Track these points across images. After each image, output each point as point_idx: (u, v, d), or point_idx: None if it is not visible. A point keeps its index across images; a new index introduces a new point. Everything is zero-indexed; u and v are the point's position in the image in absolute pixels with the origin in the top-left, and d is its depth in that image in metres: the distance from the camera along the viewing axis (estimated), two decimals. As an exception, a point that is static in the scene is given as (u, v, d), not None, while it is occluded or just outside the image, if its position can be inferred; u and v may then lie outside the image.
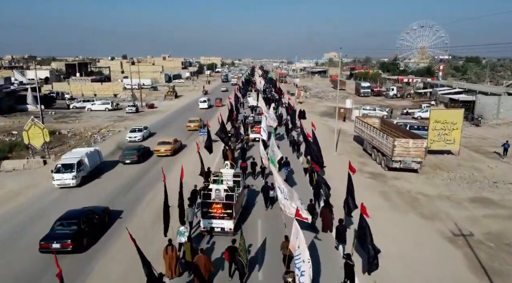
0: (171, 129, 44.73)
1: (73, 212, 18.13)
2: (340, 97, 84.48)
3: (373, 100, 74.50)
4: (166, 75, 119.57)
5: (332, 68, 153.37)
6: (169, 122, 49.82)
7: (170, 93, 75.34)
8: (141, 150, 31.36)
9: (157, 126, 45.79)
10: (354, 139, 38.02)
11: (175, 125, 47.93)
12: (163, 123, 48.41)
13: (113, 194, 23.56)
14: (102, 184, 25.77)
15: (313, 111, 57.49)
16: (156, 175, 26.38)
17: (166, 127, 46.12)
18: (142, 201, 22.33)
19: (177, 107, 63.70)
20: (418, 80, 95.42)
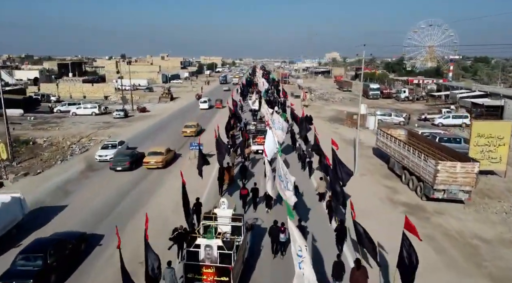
0: (164, 137, 39.29)
1: (40, 241, 14.95)
2: (347, 100, 79.16)
3: (384, 103, 68.59)
4: (164, 76, 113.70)
5: (335, 68, 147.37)
6: (161, 128, 44.10)
7: (165, 95, 69.54)
8: (134, 155, 28.53)
9: (147, 134, 40.06)
10: (374, 154, 32.12)
11: (168, 131, 42.39)
12: (154, 130, 42.64)
13: (95, 213, 19.87)
14: (81, 201, 21.59)
15: (320, 116, 51.61)
16: (148, 188, 23.87)
17: (158, 134, 40.43)
18: (130, 222, 18.51)
19: (172, 110, 57.91)
20: (429, 82, 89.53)
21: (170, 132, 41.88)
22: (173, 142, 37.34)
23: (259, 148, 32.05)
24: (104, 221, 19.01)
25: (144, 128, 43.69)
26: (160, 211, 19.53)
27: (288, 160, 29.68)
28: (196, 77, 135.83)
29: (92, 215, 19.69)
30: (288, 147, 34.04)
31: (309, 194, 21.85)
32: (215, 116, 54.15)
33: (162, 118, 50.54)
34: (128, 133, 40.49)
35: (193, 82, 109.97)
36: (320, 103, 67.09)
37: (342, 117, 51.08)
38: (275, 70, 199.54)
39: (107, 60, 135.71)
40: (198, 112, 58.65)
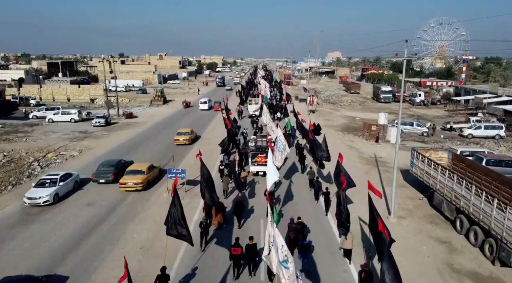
0: (150, 149, 33.18)
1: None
2: (357, 103, 72.16)
3: (397, 108, 61.66)
4: (160, 76, 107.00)
5: (340, 69, 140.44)
6: (149, 138, 37.62)
7: (158, 98, 62.86)
8: (120, 165, 24.89)
9: (129, 146, 33.39)
10: (406, 179, 25.32)
11: (156, 141, 36.30)
12: (139, 141, 35.96)
13: (60, 247, 15.96)
14: (43, 230, 17.40)
15: (330, 125, 44.81)
16: (128, 210, 19.95)
17: (143, 146, 33.91)
18: (103, 259, 14.91)
19: (163, 116, 51.25)
20: (442, 84, 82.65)
21: (158, 143, 35.48)
22: (161, 154, 31.19)
23: (260, 169, 25.54)
24: (77, 250, 15.49)
25: (127, 139, 36.98)
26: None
27: (295, 185, 23.06)
28: (195, 77, 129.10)
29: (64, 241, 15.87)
30: (294, 166, 27.33)
31: (326, 245, 15.25)
32: (213, 120, 47.68)
33: (150, 126, 43.86)
34: (104, 146, 33.82)
35: (191, 83, 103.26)
36: (328, 108, 60.27)
37: (356, 126, 44.29)
38: (277, 70, 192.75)
39: (101, 59, 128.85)
40: (194, 116, 52.26)
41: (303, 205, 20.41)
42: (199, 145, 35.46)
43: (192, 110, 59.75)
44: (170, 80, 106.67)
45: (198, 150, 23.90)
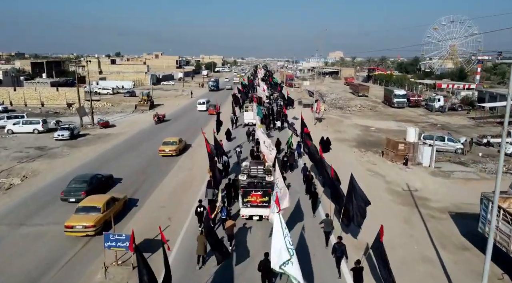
0: (121, 170, 25.19)
1: None
2: (367, 108, 64.07)
3: (413, 115, 54.01)
4: (153, 76, 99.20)
5: (344, 69, 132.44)
6: (121, 155, 30.07)
7: (143, 102, 55.19)
8: (94, 181, 21.31)
9: (93, 168, 25.68)
10: (464, 233, 17.45)
11: (131, 158, 29.04)
12: (107, 160, 28.35)
13: None
14: None
15: (342, 138, 37.03)
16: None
17: (110, 167, 26.07)
18: None
19: (147, 124, 43.64)
20: (459, 87, 74.78)
21: (133, 161, 27.86)
22: (135, 174, 23.79)
23: (255, 213, 18.15)
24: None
25: (93, 157, 29.30)
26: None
27: (302, 243, 15.45)
28: (192, 78, 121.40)
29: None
30: (300, 206, 19.65)
31: None
32: (209, 125, 40.14)
33: (126, 138, 36.19)
34: (58, 170, 26.15)
35: (186, 85, 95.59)
36: (336, 115, 52.46)
37: (373, 139, 36.52)
38: (278, 70, 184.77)
39: (90, 59, 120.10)
40: (188, 120, 44.94)
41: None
42: (188, 155, 29.99)
43: (189, 111, 52.40)
44: (164, 81, 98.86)
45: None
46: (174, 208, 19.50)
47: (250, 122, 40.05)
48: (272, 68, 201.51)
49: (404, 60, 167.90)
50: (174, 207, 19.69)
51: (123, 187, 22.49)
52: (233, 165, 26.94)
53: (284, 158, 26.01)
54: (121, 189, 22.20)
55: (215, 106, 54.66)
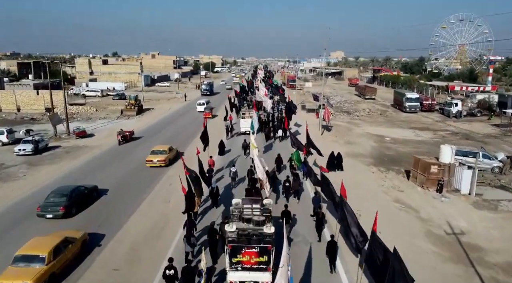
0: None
1: None
2: (377, 113, 57.61)
3: (428, 121, 48.36)
4: (147, 78, 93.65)
5: (348, 69, 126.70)
6: (96, 169, 24.76)
7: (130, 107, 49.60)
8: (75, 195, 18.48)
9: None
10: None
11: (105, 174, 23.81)
12: (78, 177, 22.74)
13: None
14: None
15: (356, 152, 31.30)
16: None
17: (82, 183, 20.47)
18: None
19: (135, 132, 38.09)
20: (473, 89, 69.07)
21: (108, 179, 22.33)
22: (100, 207, 18.33)
23: (248, 279, 12.68)
24: None
25: (52, 180, 23.69)
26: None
27: None
28: (189, 79, 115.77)
29: None
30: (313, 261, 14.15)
31: None
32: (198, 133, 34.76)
33: (102, 152, 30.63)
34: (6, 199, 20.59)
35: (182, 86, 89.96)
36: (343, 121, 46.81)
37: (392, 154, 30.85)
38: (279, 70, 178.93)
39: (82, 59, 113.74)
40: (182, 124, 39.50)
41: None
42: (177, 167, 24.56)
43: (179, 118, 46.89)
44: (159, 83, 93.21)
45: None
46: (133, 270, 13.86)
47: (248, 131, 34.59)
48: (272, 68, 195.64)
49: (407, 60, 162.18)
50: (134, 266, 14.07)
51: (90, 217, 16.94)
52: (225, 189, 21.45)
53: (286, 183, 20.46)
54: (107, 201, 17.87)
55: (211, 109, 49.88)
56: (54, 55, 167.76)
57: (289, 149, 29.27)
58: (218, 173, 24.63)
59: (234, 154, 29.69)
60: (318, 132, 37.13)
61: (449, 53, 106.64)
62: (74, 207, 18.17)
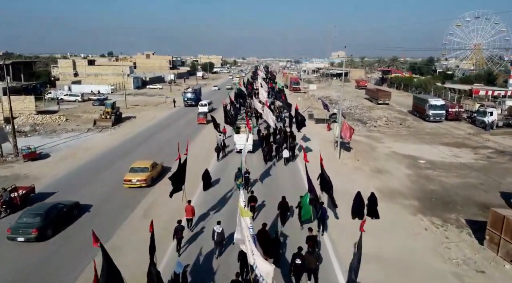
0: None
1: None
2: (397, 122, 48.37)
3: (460, 134, 40.01)
4: (137, 79, 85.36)
5: (353, 70, 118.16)
6: None
7: (106, 116, 41.32)
8: (52, 213, 16.49)
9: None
10: None
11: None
12: None
13: None
14: None
15: (389, 188, 22.84)
16: None
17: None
18: None
19: (98, 152, 29.93)
20: (500, 94, 60.70)
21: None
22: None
23: None
24: None
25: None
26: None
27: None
28: (185, 80, 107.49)
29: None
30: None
31: None
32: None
33: (47, 185, 22.42)
34: None
35: (175, 88, 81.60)
36: (361, 134, 38.38)
37: (435, 188, 22.43)
38: (280, 71, 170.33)
39: (62, 60, 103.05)
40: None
41: None
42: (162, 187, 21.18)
43: (172, 123, 38.64)
44: (150, 85, 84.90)
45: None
46: None
47: (241, 148, 26.61)
48: (273, 68, 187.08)
49: (414, 60, 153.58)
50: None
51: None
52: (201, 268, 13.29)
53: (296, 259, 12.29)
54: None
55: (206, 114, 42.64)
56: (44, 55, 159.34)
57: (299, 185, 21.16)
58: (197, 230, 16.48)
59: (223, 189, 21.53)
60: (334, 154, 28.82)
61: (464, 53, 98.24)
62: (50, 228, 16.07)
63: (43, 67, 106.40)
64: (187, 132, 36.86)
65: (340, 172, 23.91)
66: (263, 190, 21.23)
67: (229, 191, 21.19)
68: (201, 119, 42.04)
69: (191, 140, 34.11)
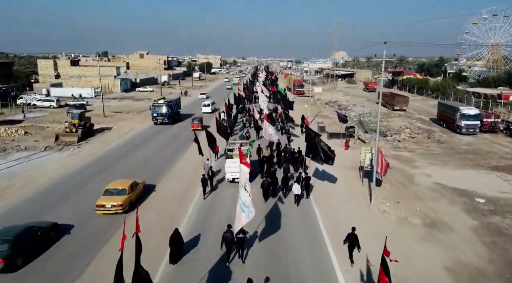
0: None
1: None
2: (422, 136, 37.43)
3: (505, 151, 32.04)
4: (125, 81, 77.39)
5: (360, 71, 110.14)
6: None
7: (71, 129, 33.39)
8: (24, 237, 13.95)
9: None
10: None
11: None
12: None
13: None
14: None
15: (464, 262, 15.18)
16: None
17: None
18: None
19: (51, 182, 22.15)
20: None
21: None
22: None
23: None
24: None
25: None
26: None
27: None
28: (179, 82, 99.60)
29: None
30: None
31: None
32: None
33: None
34: None
35: (167, 92, 73.69)
36: (387, 153, 30.41)
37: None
38: (281, 71, 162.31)
39: (42, 60, 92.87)
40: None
41: None
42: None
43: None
44: (140, 87, 76.93)
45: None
46: None
47: (237, 178, 19.03)
48: (274, 69, 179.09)
49: (412, 59, 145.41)
50: None
51: None
52: None
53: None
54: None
55: (201, 120, 37.84)
56: (32, 55, 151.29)
57: (320, 248, 13.59)
58: None
59: (204, 260, 13.69)
60: (362, 191, 20.89)
61: (480, 53, 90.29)
62: (21, 256, 13.43)
63: (33, 68, 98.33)
64: (167, 152, 29.03)
65: (379, 229, 15.90)
66: (263, 259, 13.45)
67: (216, 264, 13.36)
68: (196, 125, 36.80)
69: (171, 163, 26.22)
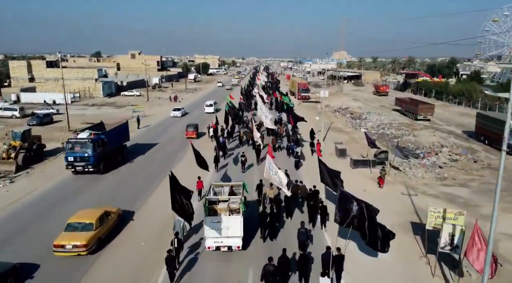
0: None
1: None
2: (466, 160, 27.61)
3: None
4: (110, 85, 68.80)
5: (367, 72, 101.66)
6: None
7: (9, 154, 24.97)
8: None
9: None
10: None
11: None
12: None
13: None
14: None
15: None
16: None
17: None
18: None
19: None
20: None
21: None
22: None
23: None
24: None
25: None
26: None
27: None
28: (172, 84, 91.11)
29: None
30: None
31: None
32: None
33: None
34: None
35: (155, 96, 65.16)
36: (432, 190, 22.03)
37: None
38: (282, 72, 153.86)
39: (15, 62, 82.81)
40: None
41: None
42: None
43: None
44: (126, 91, 68.38)
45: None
46: None
47: (223, 246, 10.90)
48: (274, 69, 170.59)
49: (431, 60, 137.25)
50: None
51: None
52: None
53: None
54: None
55: (196, 127, 34.04)
56: (25, 55, 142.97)
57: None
58: None
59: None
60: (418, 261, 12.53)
61: (501, 53, 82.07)
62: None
63: (6, 70, 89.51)
64: (134, 189, 20.62)
65: None
66: None
67: None
68: (191, 132, 33.44)
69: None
